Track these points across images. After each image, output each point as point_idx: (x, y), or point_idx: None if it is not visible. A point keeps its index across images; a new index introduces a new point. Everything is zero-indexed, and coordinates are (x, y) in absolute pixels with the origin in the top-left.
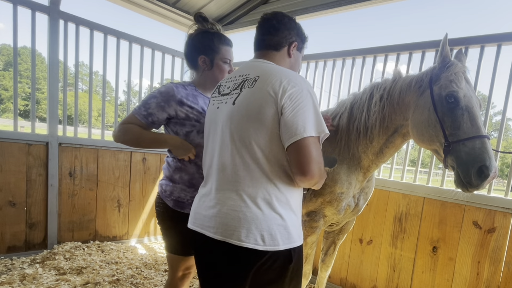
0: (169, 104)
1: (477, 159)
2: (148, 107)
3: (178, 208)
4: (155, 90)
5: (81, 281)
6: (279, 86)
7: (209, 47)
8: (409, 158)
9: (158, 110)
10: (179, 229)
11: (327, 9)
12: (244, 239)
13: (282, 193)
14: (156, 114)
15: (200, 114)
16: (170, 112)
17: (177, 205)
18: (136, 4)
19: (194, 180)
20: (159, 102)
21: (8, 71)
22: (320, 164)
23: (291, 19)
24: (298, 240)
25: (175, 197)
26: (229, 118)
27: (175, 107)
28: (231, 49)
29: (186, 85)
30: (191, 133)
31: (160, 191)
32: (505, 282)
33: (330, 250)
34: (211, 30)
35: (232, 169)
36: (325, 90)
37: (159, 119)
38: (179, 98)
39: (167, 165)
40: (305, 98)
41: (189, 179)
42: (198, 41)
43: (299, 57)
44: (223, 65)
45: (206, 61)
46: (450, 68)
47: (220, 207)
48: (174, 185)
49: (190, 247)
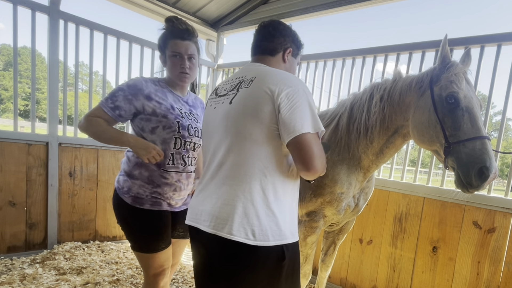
0: (137, 98)
1: (477, 160)
2: (115, 100)
3: (137, 205)
4: (123, 82)
5: (81, 281)
6: (276, 85)
7: (161, 44)
8: (409, 158)
9: (125, 103)
10: (141, 226)
11: (327, 9)
12: (235, 232)
13: (277, 189)
14: (123, 107)
15: (167, 110)
16: (138, 106)
17: (136, 202)
18: (136, 4)
19: (154, 177)
20: (127, 95)
21: (8, 71)
22: (322, 158)
23: (286, 27)
24: (290, 236)
25: (134, 194)
26: (226, 116)
27: (142, 101)
28: (184, 41)
29: (157, 81)
30: (156, 128)
31: (117, 187)
32: (505, 282)
33: (330, 250)
34: (167, 28)
35: (227, 165)
36: (325, 90)
37: (126, 113)
38: (147, 93)
39: (126, 160)
40: (301, 97)
41: (148, 176)
42: (158, 42)
43: (294, 62)
44: (172, 58)
45: (161, 58)
46: (450, 69)
47: (214, 201)
48: (133, 181)
49: (157, 243)
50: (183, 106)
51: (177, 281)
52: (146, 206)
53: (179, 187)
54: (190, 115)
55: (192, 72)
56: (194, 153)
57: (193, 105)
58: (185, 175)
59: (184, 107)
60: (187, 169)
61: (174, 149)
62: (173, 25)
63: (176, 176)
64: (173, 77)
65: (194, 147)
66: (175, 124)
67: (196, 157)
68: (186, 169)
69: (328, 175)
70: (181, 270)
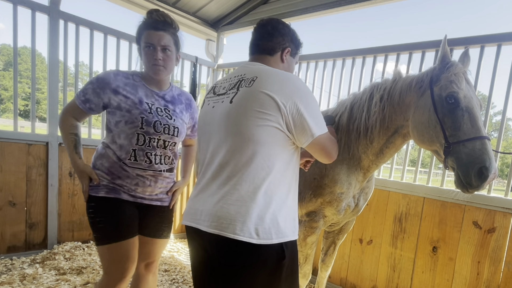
0: (104, 92)
1: (477, 160)
2: (86, 93)
3: (93, 193)
4: (95, 76)
5: (81, 281)
6: (280, 87)
7: (137, 36)
8: (409, 158)
9: (94, 96)
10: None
11: (327, 9)
12: (238, 232)
13: (279, 188)
14: (93, 101)
15: (134, 105)
16: (105, 99)
17: (92, 190)
18: (136, 4)
19: (113, 168)
20: (95, 89)
21: (8, 71)
22: (336, 147)
23: (285, 26)
24: (291, 234)
25: (93, 183)
26: (227, 115)
27: (109, 95)
28: (158, 32)
29: (131, 74)
30: (119, 123)
31: None
32: (505, 282)
33: (330, 250)
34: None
35: (229, 165)
36: (325, 90)
37: (96, 106)
38: (114, 87)
39: (96, 151)
40: (307, 100)
41: (108, 167)
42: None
43: (292, 62)
44: (146, 50)
45: (138, 51)
46: (450, 69)
47: (216, 202)
48: (95, 171)
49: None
50: (156, 102)
51: (177, 281)
52: (101, 193)
53: (142, 182)
54: (162, 111)
55: (166, 65)
56: (166, 151)
57: (172, 101)
58: (152, 174)
59: (158, 102)
60: (154, 168)
61: (137, 145)
62: (150, 16)
63: (139, 172)
64: (147, 69)
65: (165, 145)
66: (138, 120)
67: (170, 155)
68: (152, 167)
69: (328, 175)
70: (181, 270)
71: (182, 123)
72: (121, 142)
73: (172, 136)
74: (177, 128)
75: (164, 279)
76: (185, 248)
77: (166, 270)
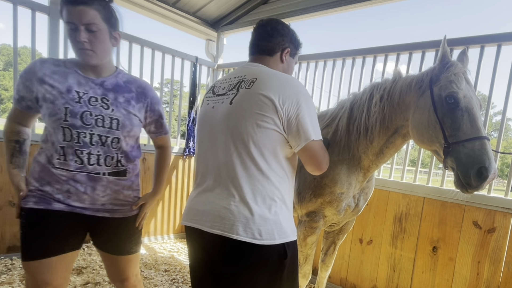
0: (32, 83)
1: (476, 161)
2: (18, 90)
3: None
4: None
5: (81, 281)
6: (279, 90)
7: (61, 17)
8: (409, 158)
9: (26, 91)
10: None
11: (327, 9)
12: (242, 233)
13: (278, 189)
14: (27, 97)
15: (60, 94)
16: (34, 91)
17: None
18: (136, 4)
19: (43, 173)
20: (24, 82)
21: (8, 71)
22: (327, 159)
23: (285, 26)
24: (291, 234)
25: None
26: (226, 117)
27: (36, 85)
28: (77, 7)
29: (63, 61)
30: (45, 116)
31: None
32: (505, 282)
33: (330, 250)
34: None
35: (229, 167)
36: (325, 90)
37: (32, 102)
38: (40, 76)
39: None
40: (305, 104)
41: (39, 171)
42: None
43: (292, 62)
44: (68, 32)
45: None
46: (450, 69)
47: (218, 202)
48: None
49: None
50: (91, 90)
51: (177, 281)
52: (30, 204)
53: (74, 188)
54: (97, 100)
55: (96, 47)
56: (108, 150)
57: (115, 88)
58: (86, 177)
59: (93, 91)
60: (87, 169)
61: (64, 141)
62: None
63: (69, 175)
64: (75, 55)
65: (102, 141)
66: (61, 111)
67: (115, 155)
68: (84, 168)
69: (328, 175)
70: (181, 270)
71: (127, 115)
72: (52, 139)
73: (110, 130)
74: (116, 119)
75: (164, 279)
76: (185, 248)
77: (166, 270)
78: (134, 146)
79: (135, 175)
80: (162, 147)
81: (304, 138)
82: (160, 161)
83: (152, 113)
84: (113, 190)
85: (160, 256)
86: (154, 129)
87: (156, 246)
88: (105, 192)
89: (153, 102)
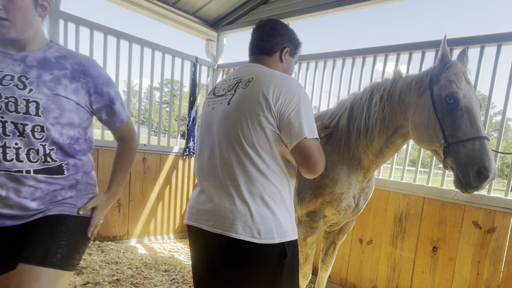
0: None
1: (476, 161)
2: None
3: None
4: None
5: (81, 281)
6: (273, 88)
7: None
8: (409, 158)
9: None
10: None
11: (327, 9)
12: (241, 232)
13: (277, 188)
14: None
15: None
16: None
17: None
18: (136, 4)
19: None
20: None
21: None
22: (323, 160)
23: (284, 26)
24: (291, 234)
25: None
26: (224, 117)
27: None
28: None
29: None
30: None
31: None
32: (505, 282)
33: (330, 250)
34: None
35: (227, 167)
36: (325, 90)
37: None
38: None
39: None
40: (299, 103)
41: None
42: None
43: (292, 62)
44: None
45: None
46: (450, 69)
47: (218, 202)
48: None
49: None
50: (7, 67)
51: (177, 281)
52: None
53: None
54: (13, 79)
55: (13, 16)
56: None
57: (40, 65)
58: (5, 177)
59: (10, 68)
60: (4, 166)
61: None
62: None
63: None
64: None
65: (20, 131)
66: None
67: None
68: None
69: (328, 175)
70: (181, 270)
71: (52, 97)
72: None
73: (26, 116)
74: (34, 102)
75: (164, 279)
76: (185, 248)
77: (166, 270)
78: (76, 137)
79: (83, 172)
80: (121, 139)
81: (296, 135)
82: (118, 157)
83: (99, 97)
84: (46, 192)
85: (160, 256)
86: (106, 117)
87: (156, 246)
88: (34, 195)
89: (98, 82)
